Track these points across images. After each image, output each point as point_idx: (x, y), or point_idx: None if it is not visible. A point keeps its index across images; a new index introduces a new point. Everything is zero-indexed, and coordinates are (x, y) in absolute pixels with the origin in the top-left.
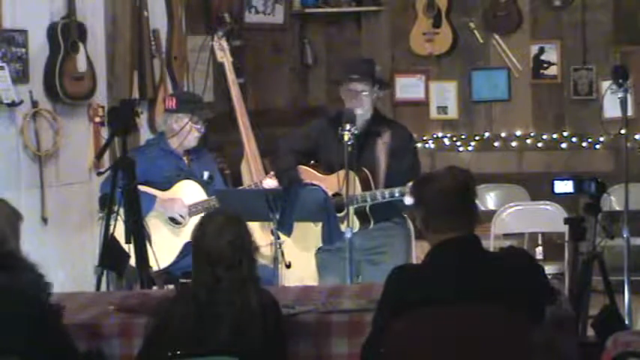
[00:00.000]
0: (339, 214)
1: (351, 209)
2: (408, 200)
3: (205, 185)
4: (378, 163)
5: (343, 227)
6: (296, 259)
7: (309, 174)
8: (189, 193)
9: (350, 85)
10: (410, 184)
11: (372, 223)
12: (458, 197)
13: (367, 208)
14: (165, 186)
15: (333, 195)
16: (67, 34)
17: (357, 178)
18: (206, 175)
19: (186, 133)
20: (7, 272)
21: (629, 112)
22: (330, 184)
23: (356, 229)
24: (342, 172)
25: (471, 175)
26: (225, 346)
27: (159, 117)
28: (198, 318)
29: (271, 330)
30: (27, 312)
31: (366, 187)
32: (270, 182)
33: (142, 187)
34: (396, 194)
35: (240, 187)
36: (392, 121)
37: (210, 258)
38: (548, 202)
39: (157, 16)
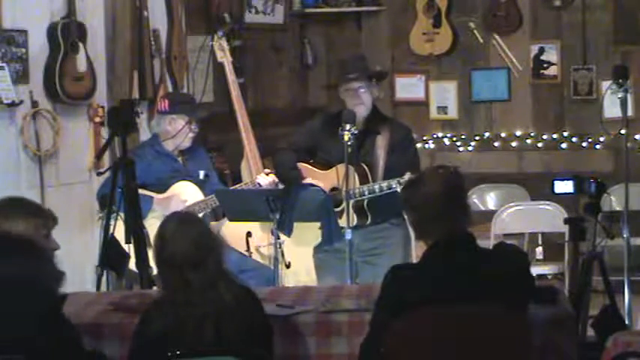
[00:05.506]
0: (336, 209)
1: (350, 204)
2: None
3: (202, 185)
4: (376, 159)
5: (341, 222)
6: (296, 259)
7: (307, 171)
8: (186, 194)
9: (347, 85)
10: (407, 174)
11: (369, 218)
12: (446, 200)
13: (365, 204)
14: (162, 188)
15: (331, 190)
16: (67, 34)
17: (355, 173)
18: (202, 174)
19: (181, 134)
20: (29, 261)
21: (629, 112)
22: (328, 179)
23: (354, 223)
24: (340, 167)
25: (459, 173)
26: (212, 346)
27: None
28: (178, 323)
29: (254, 322)
30: (42, 304)
31: (364, 181)
32: (265, 178)
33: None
34: (394, 185)
35: (236, 186)
36: (390, 118)
37: (175, 262)
38: (548, 202)
39: (157, 16)
